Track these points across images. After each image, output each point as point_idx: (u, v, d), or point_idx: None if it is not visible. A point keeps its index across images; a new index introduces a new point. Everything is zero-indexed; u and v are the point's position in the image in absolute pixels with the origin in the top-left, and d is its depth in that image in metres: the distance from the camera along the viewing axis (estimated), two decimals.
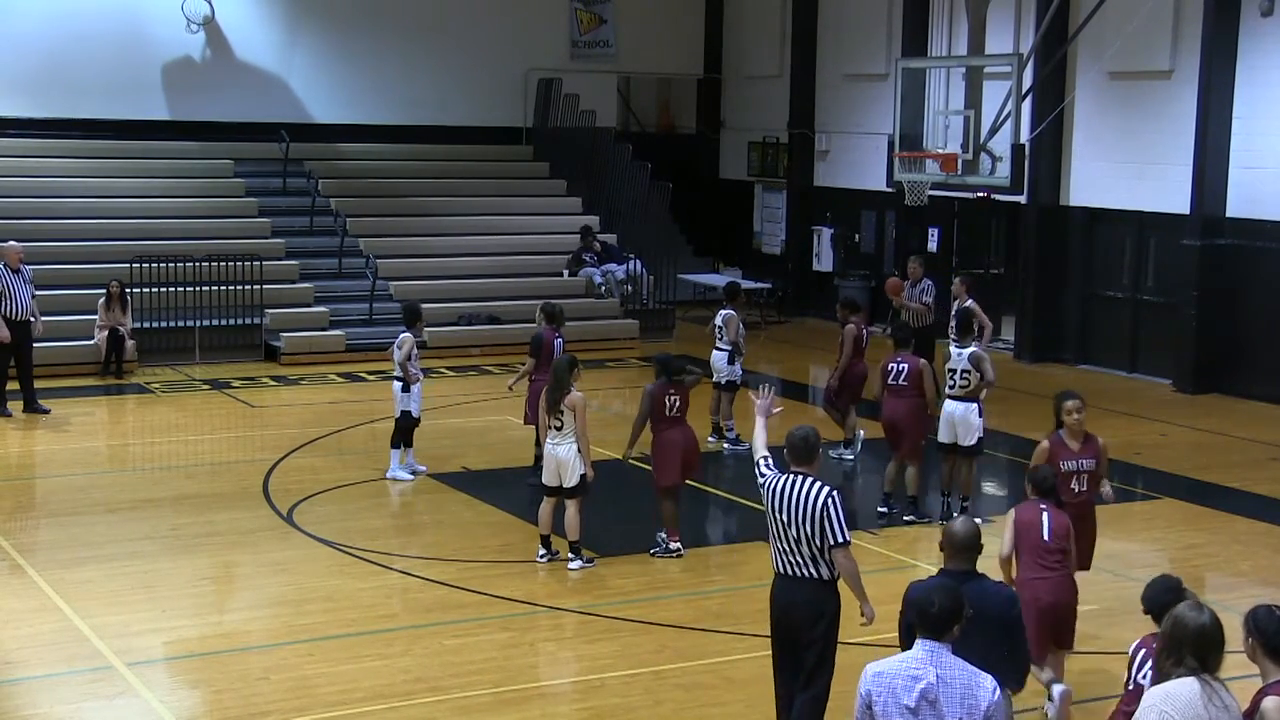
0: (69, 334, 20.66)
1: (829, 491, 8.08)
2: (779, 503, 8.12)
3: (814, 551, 8.05)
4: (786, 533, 8.10)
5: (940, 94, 21.91)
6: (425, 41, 27.34)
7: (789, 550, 8.11)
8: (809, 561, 8.07)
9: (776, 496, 8.15)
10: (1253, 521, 14.27)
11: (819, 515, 8.00)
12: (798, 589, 8.11)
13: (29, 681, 9.87)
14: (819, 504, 8.01)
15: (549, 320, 15.00)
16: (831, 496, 8.05)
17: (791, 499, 8.08)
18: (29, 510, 14.48)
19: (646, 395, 12.79)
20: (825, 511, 8.00)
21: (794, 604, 8.13)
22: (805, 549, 8.06)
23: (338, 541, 12.97)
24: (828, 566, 8.07)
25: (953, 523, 7.60)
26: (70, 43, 24.75)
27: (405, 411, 14.98)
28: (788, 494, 8.10)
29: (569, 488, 12.22)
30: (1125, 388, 21.18)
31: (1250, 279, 20.28)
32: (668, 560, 12.62)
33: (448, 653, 10.38)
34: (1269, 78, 19.90)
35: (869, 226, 26.91)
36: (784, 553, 8.14)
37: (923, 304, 18.37)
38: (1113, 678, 10.06)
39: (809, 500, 8.03)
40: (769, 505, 8.19)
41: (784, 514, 8.09)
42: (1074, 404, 10.59)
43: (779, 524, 8.13)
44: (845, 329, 16.07)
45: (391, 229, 25.17)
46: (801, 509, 8.03)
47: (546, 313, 15.11)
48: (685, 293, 26.98)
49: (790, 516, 8.06)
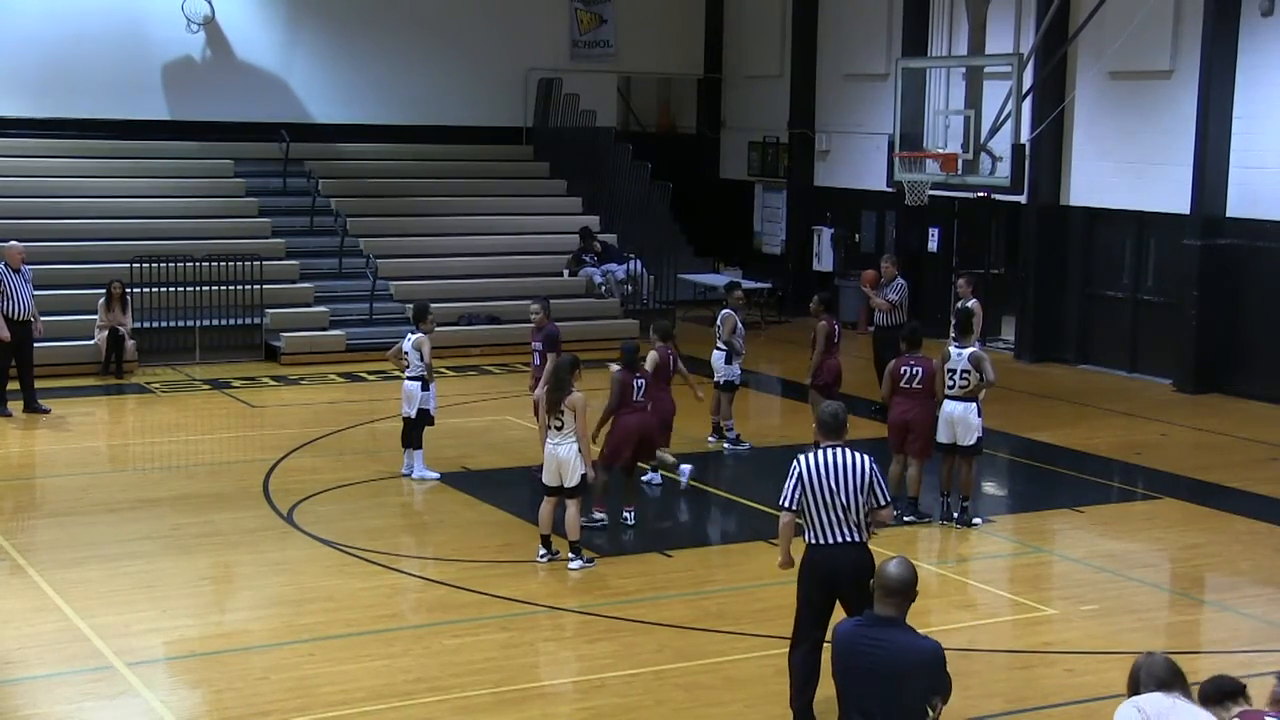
0: (69, 334, 20.66)
1: (871, 458, 8.72)
2: (823, 474, 8.61)
3: (859, 517, 8.63)
4: (836, 501, 8.60)
5: (940, 94, 21.92)
6: (425, 41, 27.33)
7: (837, 519, 8.62)
8: (855, 528, 8.64)
9: (819, 470, 8.62)
10: (1253, 521, 14.27)
11: (869, 480, 8.63)
12: (845, 553, 8.63)
13: (29, 681, 9.86)
14: (866, 470, 8.63)
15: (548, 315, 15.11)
16: (874, 462, 8.72)
17: (836, 469, 8.61)
18: (29, 510, 14.49)
19: (612, 380, 13.45)
20: (874, 476, 8.66)
21: (842, 568, 8.63)
22: (853, 515, 8.61)
23: (338, 541, 12.97)
24: (866, 529, 8.70)
25: (888, 562, 6.64)
26: (70, 43, 24.74)
27: (423, 410, 14.99)
28: (831, 465, 8.62)
29: (569, 487, 12.23)
30: (1125, 388, 21.19)
31: (1250, 279, 20.28)
32: (668, 560, 12.62)
33: (448, 653, 10.38)
34: (1269, 78, 19.91)
35: (869, 226, 26.92)
36: (830, 522, 8.62)
37: (887, 301, 18.39)
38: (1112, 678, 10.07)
39: (856, 467, 8.62)
40: (810, 481, 8.62)
41: (831, 483, 8.60)
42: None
43: (825, 494, 8.60)
44: (818, 325, 16.18)
45: (391, 229, 25.17)
46: (850, 476, 8.59)
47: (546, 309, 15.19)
48: (685, 293, 26.99)
49: (839, 484, 8.59)
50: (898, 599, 6.50)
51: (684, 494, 14.72)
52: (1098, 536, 13.70)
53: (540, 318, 15.08)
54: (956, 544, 13.44)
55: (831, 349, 16.24)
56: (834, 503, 8.60)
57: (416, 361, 15.00)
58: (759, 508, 14.31)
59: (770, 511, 14.36)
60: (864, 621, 6.57)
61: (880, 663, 6.36)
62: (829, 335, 16.16)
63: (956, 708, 8.68)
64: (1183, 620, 11.95)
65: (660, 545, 13.06)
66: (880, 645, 6.39)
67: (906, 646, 6.38)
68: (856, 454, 8.69)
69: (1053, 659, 10.35)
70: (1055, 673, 10.16)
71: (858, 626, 6.58)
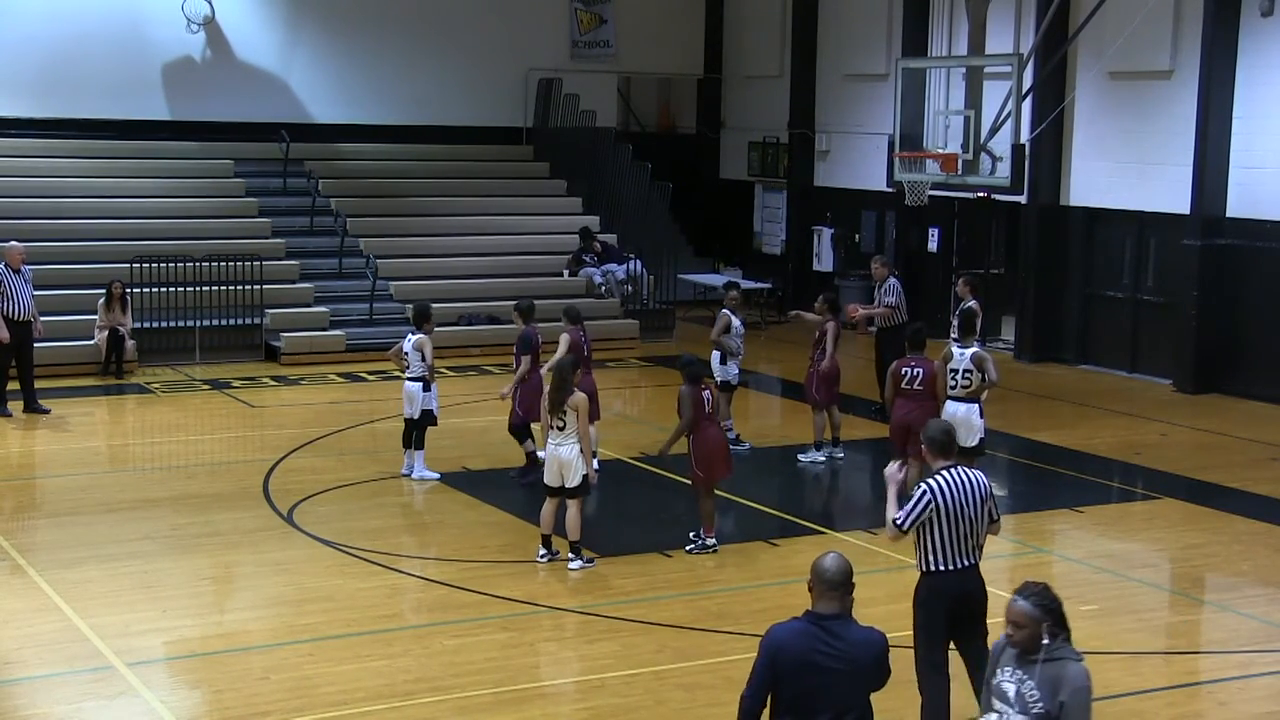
0: (69, 334, 20.66)
1: (986, 475, 8.58)
2: (961, 498, 8.35)
3: (979, 539, 8.48)
4: (964, 524, 8.39)
5: (940, 94, 21.91)
6: (425, 41, 27.33)
7: (964, 541, 8.41)
8: (976, 549, 8.50)
9: (954, 494, 8.35)
10: (1253, 521, 14.26)
11: (989, 497, 8.47)
12: (971, 577, 8.51)
13: (29, 681, 9.87)
14: (987, 487, 8.46)
15: (525, 318, 15.10)
16: (989, 479, 8.56)
17: (964, 489, 8.37)
18: (29, 510, 14.49)
19: (684, 397, 12.71)
20: (992, 493, 8.51)
21: (970, 591, 8.52)
22: (975, 538, 8.46)
23: (338, 541, 12.97)
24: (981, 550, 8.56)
25: (823, 557, 6.45)
26: (70, 43, 24.74)
27: (426, 411, 15.00)
28: (958, 486, 8.37)
29: (571, 488, 12.23)
30: (1125, 388, 21.19)
31: (1250, 279, 20.27)
32: (668, 560, 12.63)
33: (448, 653, 10.38)
34: (1269, 78, 19.91)
35: (869, 226, 26.91)
36: (957, 547, 8.40)
37: (886, 305, 18.23)
38: (1112, 678, 10.08)
39: (980, 486, 8.43)
40: (947, 506, 8.32)
41: (969, 504, 8.36)
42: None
43: (958, 516, 8.36)
44: (828, 325, 16.02)
45: (391, 229, 25.17)
46: (975, 495, 8.39)
47: (522, 310, 15.20)
48: (685, 293, 26.98)
49: (966, 505, 8.37)
50: (840, 592, 6.34)
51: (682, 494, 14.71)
52: (1098, 536, 13.70)
53: (517, 321, 15.18)
54: None
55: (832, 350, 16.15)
56: (960, 526, 8.36)
57: (417, 362, 15.00)
58: (759, 508, 14.31)
59: (770, 511, 14.43)
60: (811, 621, 6.30)
61: (840, 661, 6.22)
62: (837, 336, 16.11)
63: (957, 707, 8.69)
64: (1183, 620, 11.96)
65: (660, 545, 13.05)
66: (837, 643, 6.24)
67: (864, 641, 6.32)
68: (975, 472, 8.50)
69: None
70: None
71: (808, 626, 6.30)
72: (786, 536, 13.52)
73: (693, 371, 12.91)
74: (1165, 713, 9.67)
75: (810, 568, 6.46)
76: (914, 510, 8.34)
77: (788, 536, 13.52)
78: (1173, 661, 10.76)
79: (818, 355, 16.06)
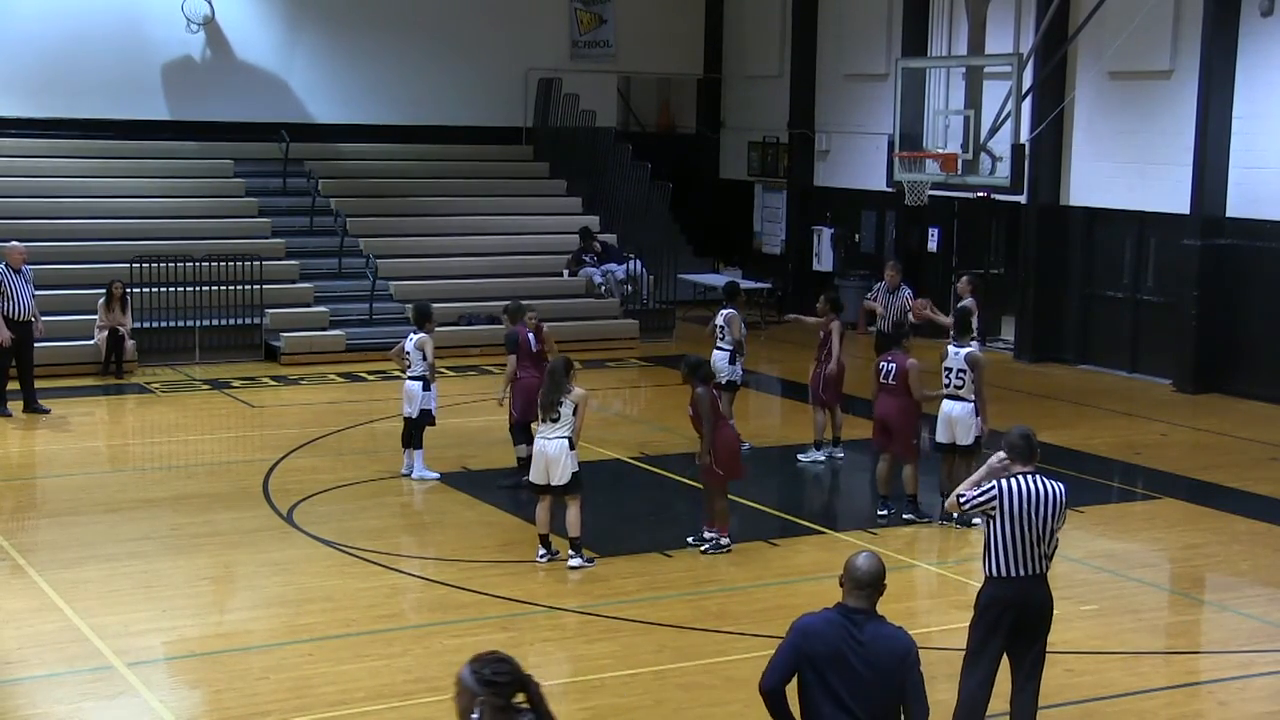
0: (69, 334, 20.65)
1: (1064, 486, 8.38)
2: (1030, 504, 8.22)
3: (1046, 548, 8.31)
4: (1031, 532, 8.25)
5: (940, 94, 21.92)
6: (425, 41, 27.33)
7: (1030, 549, 8.26)
8: (1044, 558, 8.33)
9: (1024, 500, 8.22)
10: (1253, 521, 14.26)
11: (1063, 508, 8.30)
12: (1036, 586, 8.36)
13: (29, 681, 9.86)
14: (1062, 498, 8.30)
15: (512, 319, 15.08)
16: (1066, 494, 8.37)
17: (1036, 497, 8.23)
18: (29, 510, 14.49)
19: (704, 399, 12.63)
20: (1065, 503, 8.33)
21: (1033, 601, 8.37)
22: (1044, 546, 8.29)
23: (338, 541, 12.97)
24: (1050, 560, 8.41)
25: (856, 555, 6.61)
26: (70, 43, 24.74)
27: (425, 410, 15.00)
28: (1030, 493, 8.23)
29: (559, 485, 12.21)
30: (1125, 388, 21.19)
31: (1250, 279, 20.28)
32: (668, 560, 12.62)
33: (448, 653, 10.36)
34: (1269, 78, 19.91)
35: (869, 226, 26.92)
36: (1025, 553, 8.26)
37: (908, 308, 18.04)
38: (1112, 678, 10.08)
39: (1055, 496, 8.27)
40: (1012, 510, 8.21)
41: (1036, 514, 8.22)
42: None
43: (1024, 524, 8.23)
44: (832, 325, 16.01)
45: (391, 229, 25.17)
46: (1049, 505, 8.24)
47: (510, 311, 15.18)
48: (685, 293, 26.98)
49: (1038, 514, 8.22)
50: (869, 591, 6.42)
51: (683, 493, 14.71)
52: (1098, 536, 13.69)
53: (506, 322, 15.21)
54: (956, 544, 13.43)
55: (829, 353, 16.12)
56: (1029, 533, 8.21)
57: (418, 361, 15.01)
58: (759, 508, 14.31)
59: (770, 511, 14.42)
60: (841, 613, 6.39)
61: (868, 657, 6.28)
62: (842, 335, 16.09)
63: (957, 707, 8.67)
64: (1183, 620, 11.96)
65: (660, 545, 13.05)
66: (864, 639, 6.30)
67: (888, 637, 6.36)
68: (1053, 484, 8.33)
69: (1052, 659, 10.28)
70: (1055, 673, 10.12)
71: (838, 617, 6.39)
72: (786, 536, 13.52)
73: (703, 373, 12.92)
74: (1165, 713, 9.67)
75: (844, 564, 6.55)
76: (978, 496, 8.33)
77: (788, 536, 13.52)
78: (1173, 661, 10.76)
79: (824, 356, 16.04)
